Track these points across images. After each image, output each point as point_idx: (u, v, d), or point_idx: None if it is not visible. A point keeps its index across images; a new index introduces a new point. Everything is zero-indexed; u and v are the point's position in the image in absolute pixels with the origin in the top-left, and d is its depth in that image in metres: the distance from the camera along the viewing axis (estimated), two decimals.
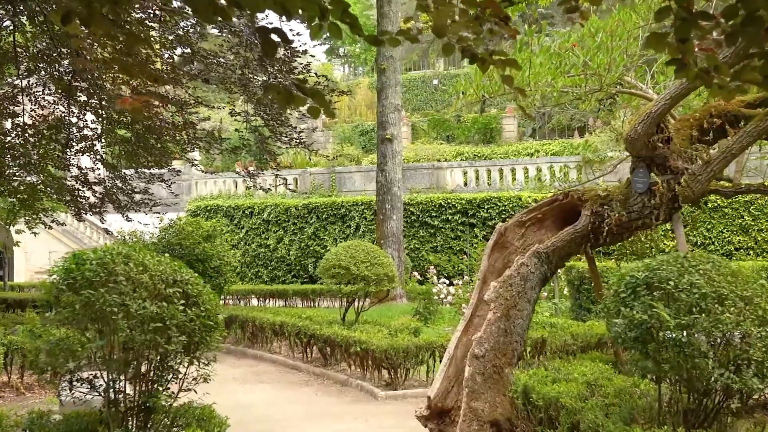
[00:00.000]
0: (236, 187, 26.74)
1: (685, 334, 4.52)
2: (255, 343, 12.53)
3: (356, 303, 11.18)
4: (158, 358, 4.50)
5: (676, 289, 4.60)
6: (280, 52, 12.04)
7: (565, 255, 6.84)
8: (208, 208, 25.71)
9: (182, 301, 4.45)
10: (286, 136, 12.62)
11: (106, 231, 18.97)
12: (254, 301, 21.04)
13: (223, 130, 22.08)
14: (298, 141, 12.81)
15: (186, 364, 4.73)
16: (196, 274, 4.87)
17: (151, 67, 16.35)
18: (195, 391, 4.81)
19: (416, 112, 44.35)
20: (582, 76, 6.84)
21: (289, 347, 11.61)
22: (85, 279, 4.32)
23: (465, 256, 19.76)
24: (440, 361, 9.08)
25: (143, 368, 4.61)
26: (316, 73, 13.04)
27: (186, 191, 27.47)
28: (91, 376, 4.71)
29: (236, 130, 13.85)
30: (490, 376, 6.34)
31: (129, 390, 4.69)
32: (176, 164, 27.39)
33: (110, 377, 4.53)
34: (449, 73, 53.20)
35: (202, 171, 16.88)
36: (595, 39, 7.06)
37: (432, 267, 14.91)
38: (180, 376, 4.70)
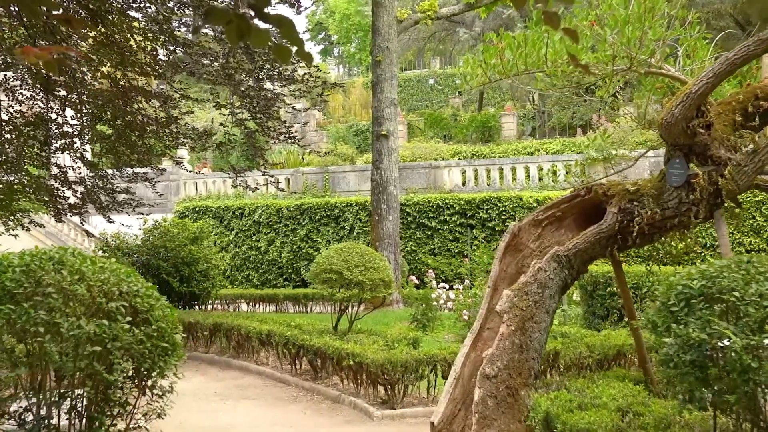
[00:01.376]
0: (224, 185, 25.81)
1: (753, 356, 3.65)
2: (241, 353, 11.63)
3: (350, 310, 10.29)
4: (100, 388, 3.59)
5: (741, 302, 3.73)
6: None
7: (588, 258, 5.97)
8: (197, 209, 24.80)
9: (129, 318, 3.54)
10: (274, 131, 11.72)
11: (87, 233, 18.03)
12: (243, 306, 20.15)
13: (214, 130, 21.14)
14: (287, 136, 11.91)
15: (136, 395, 3.81)
16: (149, 284, 3.95)
17: (134, 59, 15.50)
18: (146, 429, 3.90)
19: (412, 111, 43.53)
20: (609, 53, 5.95)
21: (277, 358, 10.71)
22: (5, 291, 3.42)
23: (466, 259, 18.86)
24: (443, 377, 8.20)
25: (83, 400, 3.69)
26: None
27: (174, 192, 26.55)
28: (21, 409, 3.81)
29: (221, 124, 12.94)
30: (503, 399, 5.47)
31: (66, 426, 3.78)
32: (166, 164, 26.51)
33: (40, 412, 3.63)
34: (445, 72, 52.48)
35: (187, 170, 15.94)
36: (620, 11, 6.18)
37: (431, 271, 14.01)
38: (128, 409, 3.79)
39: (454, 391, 5.76)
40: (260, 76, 11.06)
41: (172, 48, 12.90)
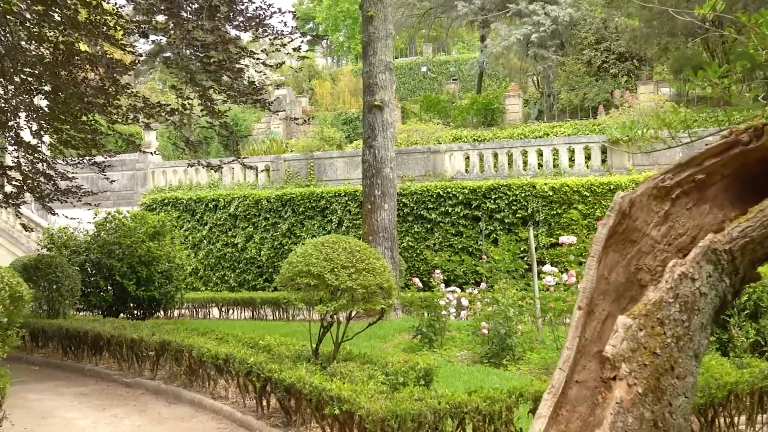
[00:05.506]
0: (197, 175, 22.98)
1: None
2: (194, 380, 8.91)
3: (335, 326, 7.56)
4: None
5: None
6: None
7: (763, 256, 3.29)
8: (166, 201, 22.01)
9: None
10: (234, 91, 8.99)
11: (24, 226, 15.26)
12: (215, 312, 17.48)
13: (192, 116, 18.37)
14: (255, 99, 9.18)
15: None
16: None
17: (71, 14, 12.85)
18: None
19: (404, 101, 40.91)
20: None
21: (239, 390, 7.98)
22: None
23: (483, 257, 16.10)
24: None
25: None
26: (282, 10, 9.40)
27: (141, 182, 23.75)
28: None
29: (172, 86, 10.18)
30: None
31: None
32: (134, 155, 23.72)
33: None
34: (438, 60, 49.94)
35: (142, 151, 13.18)
36: None
37: (437, 271, 11.33)
38: None
39: None
40: (217, 17, 8.32)
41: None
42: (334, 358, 7.12)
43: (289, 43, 9.79)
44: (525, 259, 11.83)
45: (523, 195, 17.64)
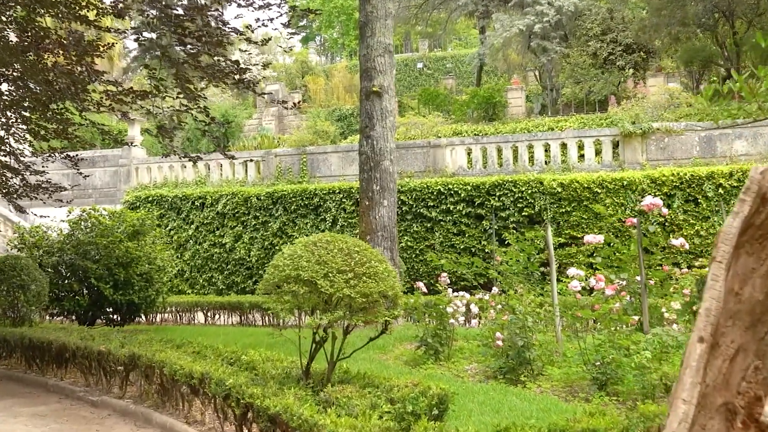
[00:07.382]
0: (183, 172, 21.77)
1: None
2: (167, 401, 7.75)
3: (330, 340, 6.39)
4: None
5: None
6: None
7: None
8: (150, 198, 20.80)
9: None
10: (213, 69, 7.82)
11: None
12: (201, 317, 16.32)
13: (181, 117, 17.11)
14: (238, 79, 8.02)
15: None
16: None
17: None
18: None
19: (401, 96, 39.78)
20: None
21: (216, 413, 6.82)
22: None
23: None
24: None
25: None
26: None
27: (124, 179, 22.52)
28: None
29: (146, 66, 9.02)
30: None
31: None
32: (117, 150, 22.55)
33: None
34: (435, 56, 48.89)
35: (122, 142, 11.98)
36: None
37: (444, 274, 10.18)
38: None
39: None
40: None
41: None
42: (328, 380, 5.96)
43: (277, 17, 8.64)
44: (533, 260, 10.68)
45: (529, 192, 16.55)
